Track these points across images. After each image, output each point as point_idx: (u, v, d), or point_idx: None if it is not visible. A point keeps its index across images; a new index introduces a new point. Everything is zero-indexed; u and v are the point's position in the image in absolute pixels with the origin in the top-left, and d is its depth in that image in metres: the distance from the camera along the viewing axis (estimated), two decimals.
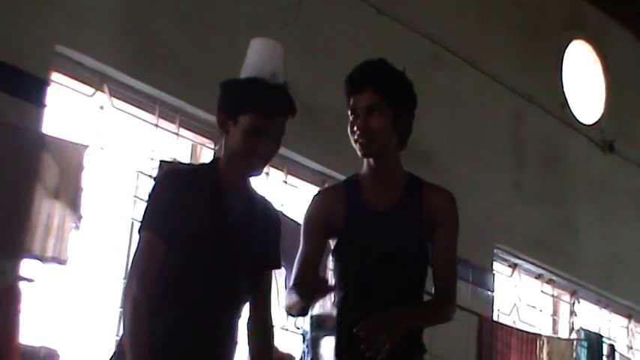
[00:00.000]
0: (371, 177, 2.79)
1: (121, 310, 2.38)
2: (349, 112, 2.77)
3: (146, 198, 2.54)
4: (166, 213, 2.46)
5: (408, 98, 2.81)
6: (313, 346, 2.55)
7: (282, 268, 2.75)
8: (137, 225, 4.34)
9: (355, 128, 2.74)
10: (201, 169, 2.68)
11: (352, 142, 2.75)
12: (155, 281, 2.41)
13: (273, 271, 2.68)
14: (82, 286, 4.26)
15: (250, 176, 2.60)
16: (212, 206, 2.52)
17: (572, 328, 7.10)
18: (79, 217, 4.05)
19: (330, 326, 2.53)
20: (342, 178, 5.40)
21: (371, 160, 2.78)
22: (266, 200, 2.70)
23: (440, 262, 2.80)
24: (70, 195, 4.04)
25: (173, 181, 2.53)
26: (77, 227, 4.04)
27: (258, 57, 2.63)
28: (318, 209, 2.78)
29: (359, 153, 2.76)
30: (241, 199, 2.57)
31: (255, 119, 2.50)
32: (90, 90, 4.44)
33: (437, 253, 2.80)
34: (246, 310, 2.61)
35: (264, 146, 2.52)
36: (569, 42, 7.61)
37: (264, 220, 2.64)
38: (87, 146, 4.16)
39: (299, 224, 2.79)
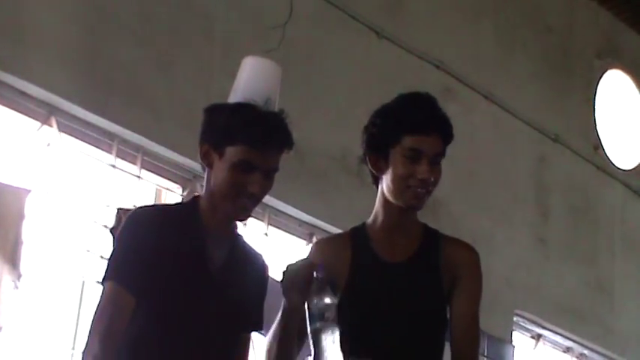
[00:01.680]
0: (384, 227, 2.82)
1: None
2: (407, 154, 2.76)
3: (105, 247, 2.54)
4: (135, 260, 2.46)
5: None
6: (314, 341, 2.57)
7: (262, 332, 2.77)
8: (89, 283, 4.39)
9: (419, 176, 2.76)
10: (178, 209, 2.69)
11: (397, 189, 2.76)
12: (120, 339, 2.41)
13: (252, 333, 2.69)
14: (21, 357, 4.24)
15: (237, 219, 2.61)
16: (190, 253, 2.52)
17: None
18: (19, 276, 4.05)
19: (332, 317, 2.55)
20: (334, 230, 5.43)
21: (395, 210, 2.79)
22: (253, 249, 2.72)
23: (459, 328, 2.80)
24: (8, 248, 4.04)
25: (144, 223, 2.53)
26: (16, 287, 4.03)
27: (250, 79, 2.66)
28: (313, 259, 2.73)
29: (405, 203, 2.77)
30: (225, 246, 2.58)
31: (245, 152, 2.51)
32: (35, 124, 4.46)
33: (456, 317, 2.80)
34: None
35: (254, 184, 2.52)
36: (604, 72, 7.66)
37: (251, 273, 2.65)
38: (29, 190, 4.16)
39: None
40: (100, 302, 2.45)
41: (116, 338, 2.40)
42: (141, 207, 2.70)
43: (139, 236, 2.49)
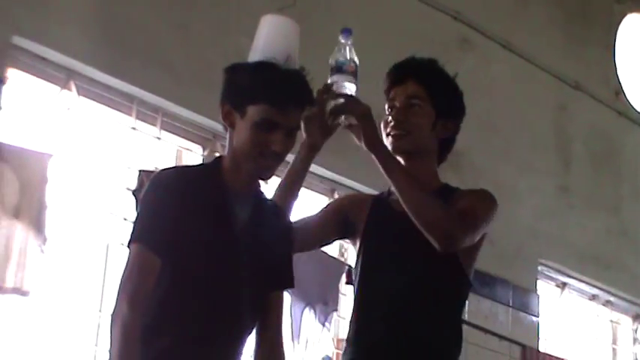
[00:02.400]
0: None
1: (109, 334, 2.40)
2: (386, 107, 2.90)
3: (128, 210, 2.56)
4: (160, 222, 2.47)
5: (454, 102, 3.02)
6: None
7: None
8: (113, 246, 4.42)
9: (390, 119, 2.86)
10: (201, 170, 2.69)
11: (384, 138, 2.87)
12: (148, 301, 2.43)
13: (285, 291, 2.70)
14: (48, 322, 4.28)
15: (260, 178, 2.61)
16: (214, 213, 2.53)
17: (636, 359, 7.10)
18: (44, 240, 4.07)
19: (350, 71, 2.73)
20: (355, 186, 5.44)
21: (401, 159, 2.87)
22: (278, 208, 2.73)
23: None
24: (32, 213, 4.06)
25: (167, 185, 2.53)
26: (42, 251, 4.06)
27: (269, 37, 2.66)
28: (340, 199, 3.16)
29: (389, 146, 2.86)
30: (249, 206, 2.59)
31: (266, 110, 2.50)
32: (54, 88, 4.47)
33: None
34: (252, 335, 2.62)
35: (277, 142, 2.52)
36: (623, 16, 7.60)
37: (276, 231, 2.65)
38: (51, 155, 4.18)
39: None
40: (126, 264, 2.47)
41: (144, 300, 2.42)
42: (164, 169, 2.71)
43: (163, 198, 2.50)
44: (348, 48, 2.79)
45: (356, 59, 2.78)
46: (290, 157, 2.69)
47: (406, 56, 3.03)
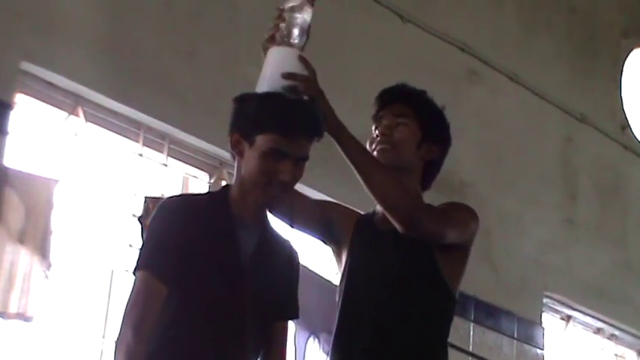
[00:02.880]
0: None
1: None
2: (373, 128, 2.89)
3: (134, 236, 2.57)
4: (167, 249, 2.48)
5: (440, 127, 3.03)
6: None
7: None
8: (118, 272, 4.40)
9: (376, 134, 2.93)
10: (208, 198, 2.70)
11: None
12: (152, 329, 2.41)
13: (289, 322, 2.69)
14: (52, 348, 4.26)
15: (267, 208, 2.61)
16: (221, 242, 2.54)
17: None
18: (49, 265, 4.06)
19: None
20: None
21: None
22: (284, 238, 2.73)
23: None
24: (37, 239, 4.05)
25: (175, 213, 2.54)
26: (46, 277, 4.05)
27: (277, 69, 2.65)
28: (331, 203, 3.20)
29: None
30: (256, 235, 2.59)
31: (275, 140, 2.52)
32: (62, 114, 4.47)
33: None
34: None
35: (285, 172, 2.53)
36: (630, 51, 7.61)
37: (281, 260, 2.66)
38: (58, 180, 4.17)
39: (319, 275, 2.90)
40: (132, 291, 2.47)
41: (149, 327, 2.42)
42: (171, 197, 2.72)
43: (170, 226, 2.51)
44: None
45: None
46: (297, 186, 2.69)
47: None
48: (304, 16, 2.74)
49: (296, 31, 2.72)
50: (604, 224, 7.03)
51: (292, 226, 2.96)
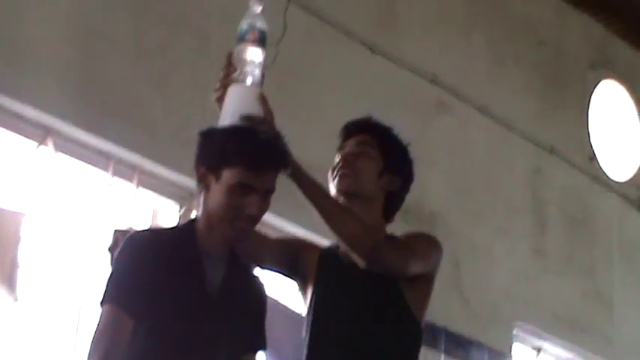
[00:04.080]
0: None
1: None
2: (336, 157, 2.91)
3: (102, 268, 2.55)
4: (133, 283, 2.48)
5: (403, 160, 3.06)
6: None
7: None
8: (87, 305, 4.35)
9: (338, 160, 2.95)
10: (174, 232, 2.71)
11: (330, 182, 2.94)
12: None
13: (258, 353, 2.68)
14: None
15: (235, 242, 2.60)
16: (188, 275, 2.54)
17: None
18: (15, 299, 4.02)
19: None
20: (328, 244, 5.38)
21: (345, 201, 2.92)
22: (251, 270, 2.74)
23: None
24: (4, 272, 4.02)
25: (141, 246, 2.55)
26: (13, 309, 4.00)
27: (236, 108, 2.66)
28: (296, 239, 3.25)
29: (334, 189, 2.93)
30: (222, 268, 2.58)
31: (241, 174, 2.52)
32: (31, 145, 4.43)
33: None
34: None
35: (251, 206, 2.54)
36: (597, 83, 7.66)
37: (248, 292, 2.66)
38: (25, 214, 4.14)
39: (287, 307, 2.91)
40: (98, 324, 2.46)
41: None
42: (138, 231, 2.71)
43: (137, 259, 2.51)
44: (254, 13, 2.79)
45: (260, 25, 2.77)
46: (265, 217, 2.68)
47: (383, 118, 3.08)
48: (257, 59, 2.74)
49: (250, 78, 2.72)
50: (573, 254, 7.06)
51: (258, 266, 2.96)
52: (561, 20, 7.36)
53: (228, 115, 2.68)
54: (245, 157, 2.52)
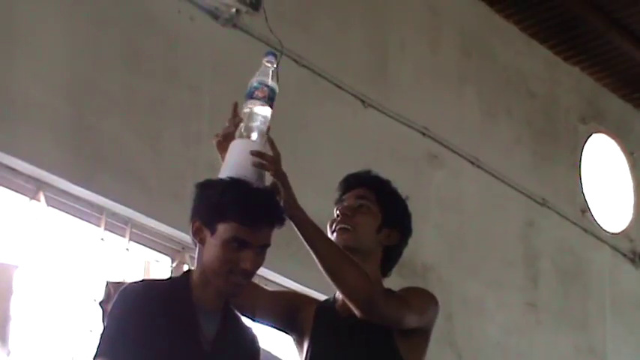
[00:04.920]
0: None
1: None
2: (334, 210, 2.96)
3: (95, 321, 2.55)
4: (127, 337, 2.46)
5: (402, 215, 3.04)
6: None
7: None
8: (79, 358, 4.33)
9: (337, 214, 2.93)
10: (169, 284, 2.69)
11: (330, 235, 2.92)
12: None
13: None
14: None
15: (229, 296, 2.60)
16: (182, 329, 2.52)
17: None
18: (8, 352, 4.00)
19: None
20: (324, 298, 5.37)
21: None
22: (245, 323, 2.72)
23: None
24: None
25: (135, 299, 2.53)
26: None
27: (241, 156, 2.67)
28: (294, 294, 3.26)
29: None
30: (217, 321, 2.58)
31: (236, 229, 2.52)
32: (23, 199, 4.44)
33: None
34: None
35: (246, 260, 2.53)
36: (589, 136, 7.70)
37: (243, 345, 2.65)
38: (17, 266, 4.14)
39: (280, 359, 2.89)
40: None
41: None
42: (132, 283, 2.70)
43: (131, 312, 2.49)
44: (266, 71, 2.81)
45: (271, 83, 2.80)
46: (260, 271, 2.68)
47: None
48: (264, 115, 2.77)
49: (255, 134, 2.74)
50: (566, 308, 7.04)
51: (254, 320, 2.95)
52: (552, 73, 7.41)
53: (228, 168, 2.68)
54: (241, 212, 2.52)
